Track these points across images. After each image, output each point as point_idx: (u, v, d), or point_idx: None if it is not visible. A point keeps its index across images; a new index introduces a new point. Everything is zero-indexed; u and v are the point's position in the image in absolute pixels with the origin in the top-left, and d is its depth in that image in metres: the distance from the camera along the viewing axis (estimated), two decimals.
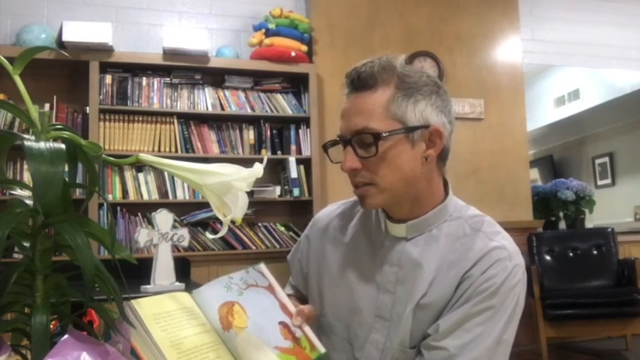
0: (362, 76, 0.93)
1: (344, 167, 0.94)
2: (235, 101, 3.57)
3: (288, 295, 0.87)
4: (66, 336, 0.57)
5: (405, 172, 0.93)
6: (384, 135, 0.90)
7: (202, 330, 0.76)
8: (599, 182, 6.70)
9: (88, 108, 3.24)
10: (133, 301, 0.71)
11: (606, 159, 6.67)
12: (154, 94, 3.43)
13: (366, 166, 0.93)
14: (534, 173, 7.08)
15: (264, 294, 0.84)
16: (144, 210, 3.34)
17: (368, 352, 0.97)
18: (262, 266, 0.87)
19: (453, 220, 0.99)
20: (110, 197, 3.24)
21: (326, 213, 1.16)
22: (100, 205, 3.16)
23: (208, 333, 0.76)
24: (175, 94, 3.49)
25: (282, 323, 0.81)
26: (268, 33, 3.61)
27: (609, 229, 4.08)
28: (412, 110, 0.92)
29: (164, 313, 0.73)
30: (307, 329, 0.82)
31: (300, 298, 1.13)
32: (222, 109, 3.54)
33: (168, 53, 3.41)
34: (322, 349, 0.81)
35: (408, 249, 0.97)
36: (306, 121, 3.64)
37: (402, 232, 0.98)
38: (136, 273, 1.10)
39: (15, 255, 0.69)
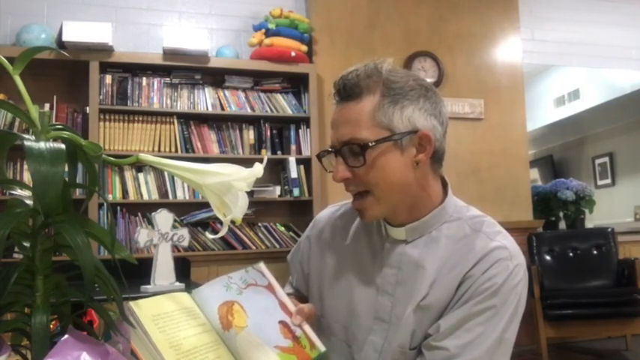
0: (347, 86, 0.93)
1: (335, 178, 0.94)
2: (235, 101, 3.57)
3: (288, 295, 0.87)
4: (66, 336, 0.57)
5: (396, 179, 0.93)
6: (371, 144, 0.90)
7: (202, 330, 0.76)
8: (599, 182, 6.70)
9: (88, 108, 3.24)
10: (131, 303, 0.71)
11: (606, 159, 6.67)
12: (153, 94, 3.43)
13: (357, 176, 0.93)
14: (534, 173, 7.08)
15: (263, 293, 0.84)
16: (144, 210, 3.34)
17: (366, 353, 0.97)
18: (262, 265, 0.87)
19: (452, 221, 0.98)
20: (110, 197, 3.24)
21: (327, 214, 1.15)
22: (100, 205, 3.16)
23: (208, 333, 0.76)
24: (175, 94, 3.49)
25: (282, 322, 0.81)
26: (268, 33, 3.61)
27: (609, 229, 4.08)
28: (399, 116, 0.91)
29: (163, 314, 0.73)
30: (307, 328, 0.82)
31: (301, 297, 1.13)
32: (222, 109, 3.54)
33: (168, 53, 3.41)
34: (322, 348, 0.81)
35: (408, 251, 0.97)
36: (306, 121, 3.64)
37: (401, 235, 0.98)
38: (136, 273, 1.10)
39: (15, 255, 0.69)
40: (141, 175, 3.37)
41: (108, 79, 3.33)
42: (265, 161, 0.73)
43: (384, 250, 1.00)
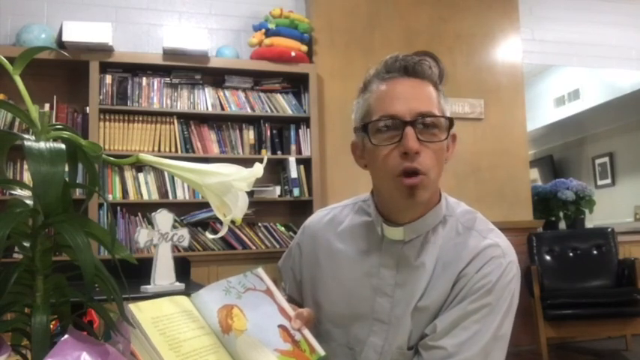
0: (417, 64, 0.95)
1: (413, 146, 0.89)
2: (235, 101, 3.57)
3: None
4: (66, 336, 0.57)
5: (442, 166, 0.95)
6: (453, 123, 0.94)
7: (202, 333, 0.76)
8: (599, 182, 6.70)
9: (88, 108, 3.24)
10: (131, 305, 0.71)
11: (606, 159, 6.67)
12: (154, 94, 3.43)
13: (424, 152, 0.91)
14: (534, 173, 7.08)
15: (262, 298, 0.84)
16: (144, 210, 3.34)
17: (366, 355, 0.97)
18: (260, 270, 0.87)
19: (446, 220, 0.99)
20: (110, 197, 3.24)
21: (316, 219, 1.14)
22: (100, 205, 3.16)
23: (208, 336, 0.76)
24: (175, 94, 3.49)
25: (281, 326, 0.81)
26: (268, 33, 3.61)
27: (609, 229, 4.08)
28: (448, 110, 0.96)
29: (162, 317, 0.73)
30: (306, 332, 0.82)
31: (295, 304, 1.12)
32: (222, 109, 3.54)
33: (168, 53, 3.41)
34: (322, 352, 0.81)
35: (406, 252, 0.97)
36: (306, 121, 3.64)
37: (399, 234, 0.98)
38: (136, 273, 1.10)
39: (15, 255, 0.69)
40: (141, 175, 3.37)
41: (108, 79, 3.34)
42: (265, 161, 0.73)
43: (381, 252, 0.99)
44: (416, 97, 0.93)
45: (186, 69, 3.49)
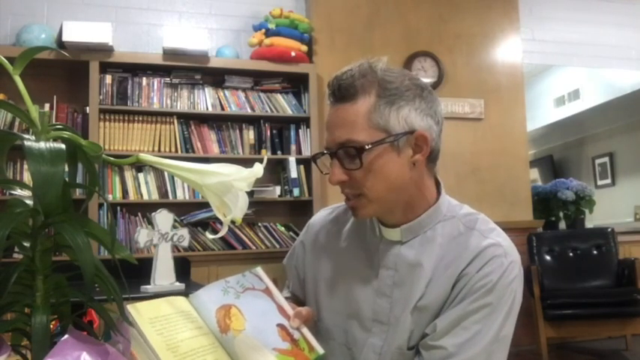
0: (342, 87, 0.91)
1: (331, 180, 0.93)
2: (235, 101, 3.57)
3: (286, 298, 0.87)
4: (66, 336, 0.57)
5: (392, 180, 0.92)
6: (367, 147, 0.89)
7: (200, 333, 0.76)
8: (599, 182, 6.70)
9: (88, 108, 3.24)
10: (129, 306, 0.71)
11: (606, 159, 6.67)
12: (153, 94, 3.43)
13: (353, 178, 0.92)
14: (534, 173, 7.08)
15: (261, 297, 0.84)
16: (144, 210, 3.34)
17: (365, 355, 0.97)
18: (259, 270, 0.87)
19: (447, 220, 0.98)
20: (110, 197, 3.24)
21: (320, 218, 1.15)
22: (100, 205, 3.16)
23: (206, 336, 0.76)
24: (175, 94, 3.49)
25: (280, 325, 0.81)
26: (268, 33, 3.61)
27: (609, 229, 4.08)
28: (395, 117, 0.90)
29: (160, 317, 0.73)
30: (305, 331, 0.82)
31: (298, 301, 1.12)
32: (222, 109, 3.54)
33: (168, 53, 3.41)
34: (321, 350, 0.81)
35: (404, 252, 0.97)
36: (306, 121, 3.65)
37: (396, 235, 0.98)
38: (136, 273, 1.10)
39: (15, 255, 0.69)
40: (141, 175, 3.37)
41: (108, 79, 3.34)
42: (265, 161, 0.73)
43: (379, 252, 0.99)
44: (338, 126, 0.92)
45: (186, 69, 3.49)
